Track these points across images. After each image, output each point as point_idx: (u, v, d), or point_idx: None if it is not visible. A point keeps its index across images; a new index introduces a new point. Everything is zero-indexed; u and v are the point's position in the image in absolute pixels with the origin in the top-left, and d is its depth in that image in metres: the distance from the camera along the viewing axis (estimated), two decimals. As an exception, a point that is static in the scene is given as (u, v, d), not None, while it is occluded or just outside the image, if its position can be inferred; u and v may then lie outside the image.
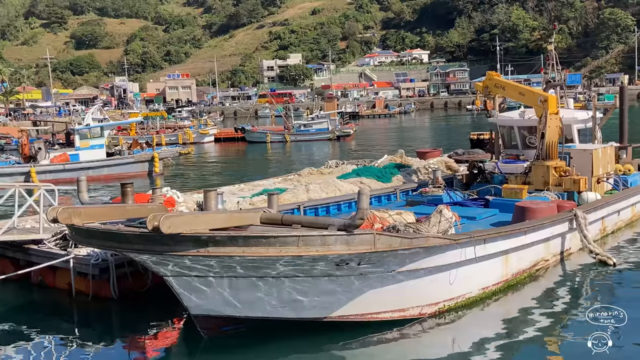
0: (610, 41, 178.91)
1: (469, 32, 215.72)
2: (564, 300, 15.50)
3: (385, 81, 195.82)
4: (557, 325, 14.07)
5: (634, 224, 22.58)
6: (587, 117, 24.37)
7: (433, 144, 58.70)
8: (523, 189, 20.33)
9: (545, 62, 26.16)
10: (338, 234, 11.72)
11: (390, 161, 28.30)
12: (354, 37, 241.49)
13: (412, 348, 13.20)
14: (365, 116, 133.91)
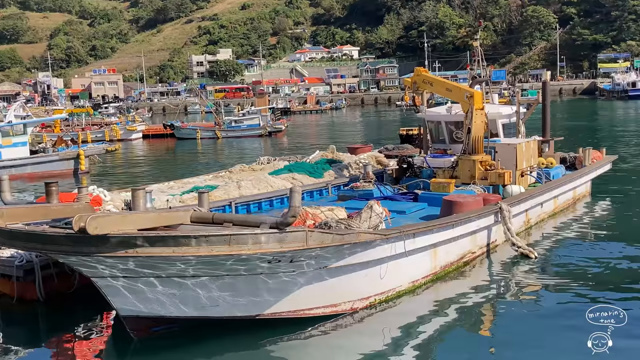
0: (533, 38, 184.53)
1: (398, 29, 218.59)
2: (491, 292, 15.95)
3: (316, 77, 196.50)
4: (485, 315, 14.51)
5: (557, 216, 23.39)
6: (512, 112, 25.06)
7: (364, 140, 59.31)
8: (450, 183, 20.75)
9: (471, 59, 26.76)
10: (270, 232, 11.70)
11: (321, 157, 28.40)
12: (284, 32, 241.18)
13: (343, 343, 13.32)
14: (297, 112, 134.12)
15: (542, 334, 12.95)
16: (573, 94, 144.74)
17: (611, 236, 20.60)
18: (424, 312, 14.55)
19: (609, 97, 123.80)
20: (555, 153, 27.06)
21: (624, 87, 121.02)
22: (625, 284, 15.53)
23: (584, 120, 78.59)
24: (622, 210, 24.42)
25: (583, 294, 15.04)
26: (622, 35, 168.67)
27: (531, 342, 12.57)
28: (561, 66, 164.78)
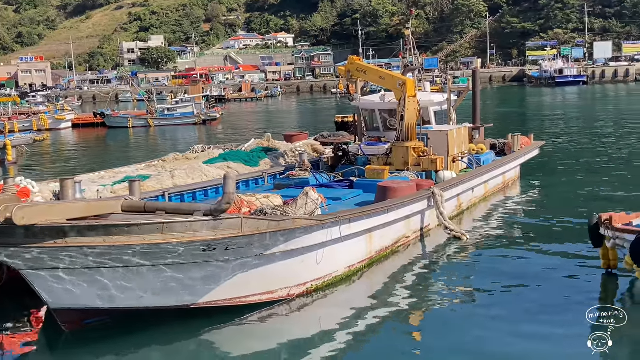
0: (464, 26, 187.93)
1: (332, 17, 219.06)
2: (425, 274, 16.29)
3: (251, 64, 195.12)
4: (419, 298, 14.78)
5: (487, 200, 23.99)
6: (443, 100, 25.53)
7: (300, 127, 59.34)
8: (385, 170, 21.02)
9: (404, 47, 27.06)
10: (204, 219, 11.60)
11: (257, 145, 28.26)
12: (217, 19, 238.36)
13: (280, 329, 13.35)
14: (232, 100, 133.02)
15: (476, 315, 13.34)
16: (503, 81, 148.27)
17: (539, 219, 21.27)
18: (360, 296, 14.73)
19: (537, 84, 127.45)
20: (486, 139, 27.70)
21: (551, 74, 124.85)
22: (549, 267, 16.12)
23: (513, 107, 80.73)
24: (549, 194, 25.25)
25: (514, 274, 15.58)
26: (549, 23, 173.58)
27: (464, 323, 12.91)
28: (491, 54, 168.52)
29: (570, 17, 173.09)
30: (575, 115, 64.97)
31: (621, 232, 13.48)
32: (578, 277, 15.17)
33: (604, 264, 14.76)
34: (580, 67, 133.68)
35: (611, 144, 39.42)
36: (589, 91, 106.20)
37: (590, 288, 14.54)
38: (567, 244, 17.86)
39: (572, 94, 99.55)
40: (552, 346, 11.56)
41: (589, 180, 27.68)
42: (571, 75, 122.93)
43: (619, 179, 27.69)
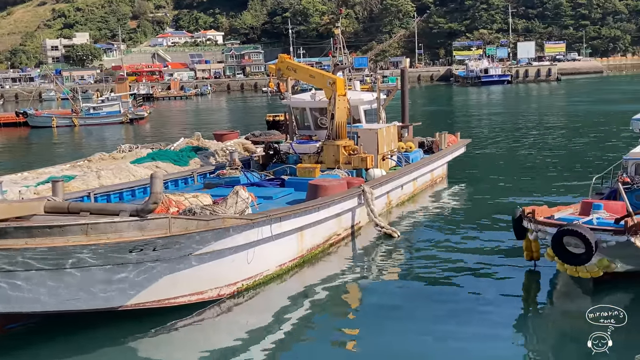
0: (393, 26, 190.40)
1: (262, 15, 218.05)
2: (356, 272, 16.41)
3: (179, 62, 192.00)
4: (351, 295, 14.88)
5: (416, 197, 24.36)
6: (373, 99, 25.77)
7: (230, 126, 58.79)
8: (316, 168, 21.06)
9: (334, 46, 27.14)
10: (130, 219, 11.33)
11: (187, 144, 27.81)
12: (145, 16, 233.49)
13: (210, 330, 13.21)
14: (160, 98, 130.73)
15: (407, 312, 13.56)
16: (431, 80, 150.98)
17: (466, 214, 21.74)
18: (291, 295, 14.69)
19: (464, 83, 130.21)
20: (414, 137, 28.09)
21: (477, 73, 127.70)
22: (476, 260, 16.50)
23: (441, 106, 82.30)
24: (475, 190, 25.82)
25: (443, 269, 15.92)
26: (475, 24, 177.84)
27: (395, 319, 13.07)
28: (419, 53, 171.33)
29: (495, 18, 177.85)
30: (500, 113, 66.73)
31: (543, 225, 13.88)
32: (503, 269, 15.59)
33: (527, 256, 15.21)
34: (505, 66, 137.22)
35: (534, 141, 40.67)
36: (513, 90, 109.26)
37: (515, 279, 15.01)
38: (493, 237, 18.31)
39: (497, 93, 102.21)
40: (479, 338, 11.86)
41: (513, 176, 28.49)
42: (496, 75, 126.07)
43: (541, 174, 28.60)
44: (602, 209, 14.00)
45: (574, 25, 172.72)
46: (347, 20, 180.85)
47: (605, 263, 13.20)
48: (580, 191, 20.85)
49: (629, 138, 20.89)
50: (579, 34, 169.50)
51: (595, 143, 38.31)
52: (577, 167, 29.72)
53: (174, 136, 41.68)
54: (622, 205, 13.53)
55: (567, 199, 21.11)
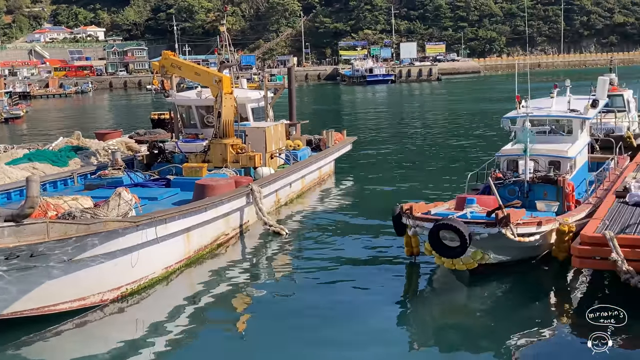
0: (280, 25, 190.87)
1: (146, 11, 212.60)
2: (245, 271, 16.40)
3: (58, 59, 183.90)
4: (240, 295, 14.84)
5: (304, 195, 24.60)
6: (260, 97, 25.77)
7: (113, 125, 57.00)
8: (203, 167, 20.82)
9: (220, 44, 26.91)
10: (5, 225, 10.80)
11: (66, 144, 26.73)
12: (20, 11, 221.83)
13: (93, 337, 12.81)
14: (38, 96, 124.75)
15: (295, 306, 13.73)
16: (318, 79, 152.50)
17: (352, 211, 22.20)
18: (179, 297, 14.48)
19: (350, 82, 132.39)
20: (302, 136, 28.36)
21: (362, 73, 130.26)
22: (361, 255, 16.92)
23: (328, 105, 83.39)
24: (361, 187, 26.41)
25: (330, 264, 16.23)
26: (359, 24, 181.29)
27: (284, 317, 13.17)
28: (306, 52, 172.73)
29: (379, 19, 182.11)
30: (384, 112, 68.50)
31: (420, 220, 14.39)
32: (386, 265, 16.07)
33: (407, 251, 15.73)
34: (389, 66, 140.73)
35: (417, 139, 42.06)
36: (396, 89, 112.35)
37: (397, 273, 15.51)
38: (377, 233, 18.81)
39: (382, 92, 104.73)
40: (362, 332, 12.17)
41: (396, 172, 29.36)
42: (380, 74, 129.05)
43: (423, 171, 29.67)
44: (475, 203, 14.67)
45: (453, 27, 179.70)
46: (234, 17, 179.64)
47: (479, 255, 13.86)
48: (458, 187, 21.74)
49: (505, 135, 22.03)
50: (458, 35, 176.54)
51: (474, 140, 40.10)
52: (456, 163, 30.99)
53: (53, 136, 39.92)
54: (493, 199, 14.24)
55: (447, 194, 21.97)
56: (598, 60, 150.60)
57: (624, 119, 29.20)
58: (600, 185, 18.59)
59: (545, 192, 16.86)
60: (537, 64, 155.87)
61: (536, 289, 14.54)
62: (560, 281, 14.87)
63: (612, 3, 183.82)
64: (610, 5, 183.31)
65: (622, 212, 15.07)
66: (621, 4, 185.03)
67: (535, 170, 17.41)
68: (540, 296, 14.25)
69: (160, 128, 35.49)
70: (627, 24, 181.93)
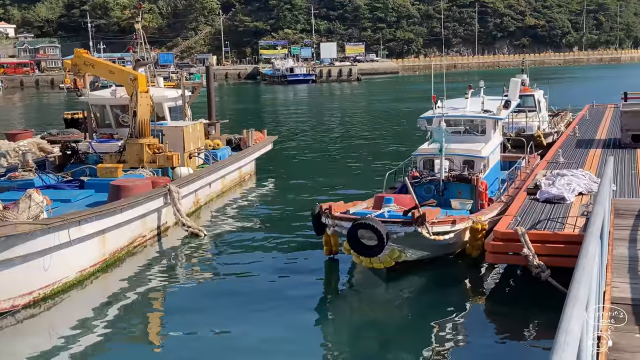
0: (198, 23, 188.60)
1: (58, 7, 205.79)
2: (163, 273, 16.08)
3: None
4: (163, 296, 14.57)
5: (224, 195, 24.38)
6: (177, 96, 25.36)
7: (24, 125, 54.89)
8: (118, 168, 20.30)
9: (135, 41, 26.37)
10: None
11: (-28, 145, 25.57)
12: None
13: (3, 344, 12.25)
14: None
15: (213, 308, 13.57)
16: (238, 78, 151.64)
17: (272, 211, 22.19)
18: (94, 301, 14.08)
19: (271, 81, 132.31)
20: (222, 135, 28.13)
21: (283, 72, 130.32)
22: (281, 255, 16.94)
23: (249, 104, 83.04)
24: (282, 187, 26.42)
25: (250, 265, 16.14)
26: (279, 23, 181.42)
27: (199, 316, 13.01)
28: (226, 51, 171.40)
29: (299, 18, 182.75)
30: (305, 111, 68.75)
31: (339, 219, 14.50)
32: (306, 264, 16.12)
33: (327, 250, 15.81)
34: (309, 66, 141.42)
35: (337, 139, 42.40)
36: (317, 89, 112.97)
37: (316, 273, 15.58)
38: (297, 233, 18.85)
39: (303, 92, 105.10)
40: (283, 330, 12.18)
41: (317, 172, 29.52)
42: (301, 74, 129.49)
43: (344, 170, 29.94)
44: (392, 202, 14.91)
45: (371, 28, 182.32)
46: (150, 15, 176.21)
47: (396, 253, 14.08)
48: (377, 186, 22.03)
49: (422, 135, 22.51)
50: (377, 36, 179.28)
51: (392, 139, 40.77)
52: (375, 162, 31.39)
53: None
54: (410, 198, 14.51)
55: (367, 193, 22.23)
56: (511, 62, 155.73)
57: (534, 118, 30.28)
58: (512, 184, 19.22)
59: (460, 191, 17.31)
60: (453, 65, 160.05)
61: (451, 285, 14.87)
62: (474, 277, 15.22)
63: (523, 6, 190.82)
64: (522, 8, 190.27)
65: (533, 208, 15.62)
66: (532, 7, 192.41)
67: (450, 170, 17.84)
68: (456, 292, 14.59)
69: (74, 128, 34.39)
70: (538, 27, 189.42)
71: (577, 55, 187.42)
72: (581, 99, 49.34)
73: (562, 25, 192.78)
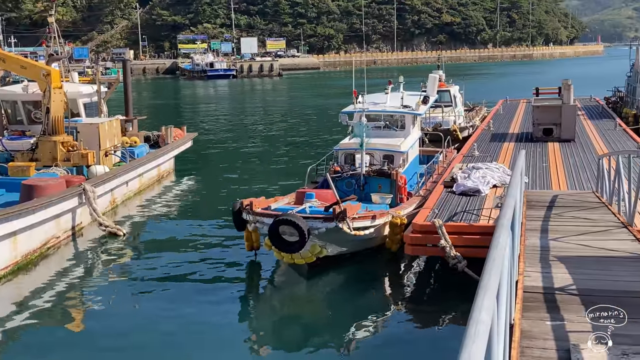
0: (114, 16, 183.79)
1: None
2: (76, 273, 15.63)
3: None
4: (72, 297, 14.11)
5: (143, 193, 23.87)
6: (93, 91, 24.67)
7: None
8: (30, 166, 19.60)
9: (48, 35, 25.50)
10: None
11: None
12: None
13: None
14: None
15: (130, 307, 13.26)
16: (157, 73, 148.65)
17: (193, 209, 21.94)
18: (5, 307, 13.48)
19: (190, 76, 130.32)
20: (139, 132, 27.53)
21: (202, 67, 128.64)
22: (203, 253, 16.74)
23: (168, 99, 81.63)
24: (203, 184, 26.12)
25: (170, 264, 15.84)
26: (198, 17, 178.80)
27: (118, 317, 12.69)
28: (144, 45, 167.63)
29: (218, 13, 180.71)
30: (226, 107, 68.12)
31: (260, 216, 14.44)
32: (227, 261, 15.96)
33: (248, 247, 15.69)
34: (230, 61, 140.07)
35: (259, 135, 42.23)
36: (238, 84, 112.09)
37: (238, 270, 15.48)
38: (218, 230, 18.70)
39: (223, 87, 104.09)
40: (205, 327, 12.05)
41: (239, 168, 29.32)
42: (221, 69, 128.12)
43: (266, 166, 29.87)
44: (314, 197, 14.97)
45: (292, 23, 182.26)
46: (64, 8, 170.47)
47: (317, 249, 14.14)
48: (299, 181, 22.08)
49: (344, 129, 22.70)
50: (297, 31, 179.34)
51: (315, 134, 40.95)
52: (298, 158, 31.46)
53: None
54: (331, 193, 14.60)
55: (289, 189, 22.23)
56: (428, 58, 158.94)
57: (451, 113, 31.04)
58: (430, 177, 19.63)
59: (380, 185, 17.55)
60: (373, 61, 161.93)
61: (372, 279, 15.05)
62: (394, 271, 15.44)
63: (440, 3, 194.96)
64: (438, 6, 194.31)
65: (449, 201, 16.01)
66: (448, 4, 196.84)
67: (371, 164, 18.07)
68: (377, 285, 14.79)
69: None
70: (454, 24, 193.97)
71: (492, 51, 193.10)
72: (495, 94, 50.93)
73: (477, 23, 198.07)
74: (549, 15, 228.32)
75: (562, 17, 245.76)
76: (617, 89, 42.43)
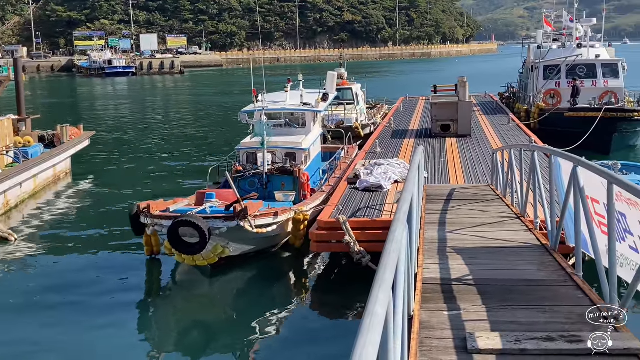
0: (5, 12, 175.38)
1: None
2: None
3: None
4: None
5: (37, 195, 22.89)
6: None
7: None
8: None
9: None
10: None
11: None
12: None
13: None
14: None
15: (32, 319, 12.63)
16: (52, 71, 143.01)
17: (90, 211, 21.20)
18: None
19: (87, 74, 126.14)
20: (33, 131, 26.46)
21: (100, 64, 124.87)
22: (100, 259, 16.23)
23: (64, 98, 78.69)
24: (101, 185, 25.28)
25: (67, 270, 15.30)
26: (95, 14, 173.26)
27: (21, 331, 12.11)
28: (37, 42, 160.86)
29: (116, 9, 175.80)
30: (126, 105, 66.36)
31: (159, 218, 14.09)
32: (127, 266, 15.45)
33: (147, 251, 15.25)
34: (129, 58, 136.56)
35: (160, 134, 41.35)
36: (138, 82, 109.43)
37: (138, 276, 15.03)
38: (117, 234, 18.11)
39: (122, 85, 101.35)
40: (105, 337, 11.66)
41: (139, 169, 28.62)
42: (120, 66, 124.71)
43: (167, 167, 29.26)
44: (214, 197, 14.77)
45: (193, 20, 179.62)
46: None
47: (220, 249, 13.94)
48: (201, 182, 21.76)
49: (246, 128, 22.53)
50: (199, 28, 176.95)
51: (217, 134, 40.53)
52: (200, 158, 31.03)
53: None
54: (232, 192, 14.45)
55: (191, 190, 21.84)
56: (331, 56, 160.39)
57: (353, 110, 31.42)
58: (332, 174, 19.80)
59: (283, 183, 17.55)
60: (277, 59, 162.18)
61: (277, 278, 15.04)
62: (300, 268, 15.45)
63: (341, 2, 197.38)
64: (340, 4, 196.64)
65: (353, 197, 16.19)
66: (350, 3, 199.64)
67: (273, 162, 18.03)
68: (281, 284, 14.78)
69: None
70: (355, 22, 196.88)
71: (392, 50, 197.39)
72: (396, 92, 52.00)
73: (378, 22, 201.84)
74: (445, 14, 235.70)
75: (458, 17, 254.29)
76: (510, 85, 44.20)
